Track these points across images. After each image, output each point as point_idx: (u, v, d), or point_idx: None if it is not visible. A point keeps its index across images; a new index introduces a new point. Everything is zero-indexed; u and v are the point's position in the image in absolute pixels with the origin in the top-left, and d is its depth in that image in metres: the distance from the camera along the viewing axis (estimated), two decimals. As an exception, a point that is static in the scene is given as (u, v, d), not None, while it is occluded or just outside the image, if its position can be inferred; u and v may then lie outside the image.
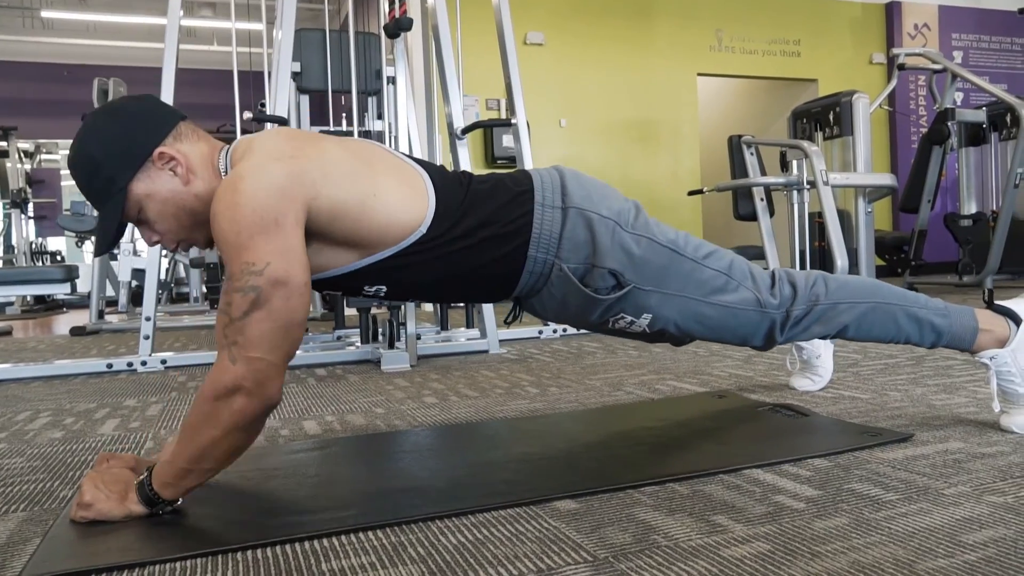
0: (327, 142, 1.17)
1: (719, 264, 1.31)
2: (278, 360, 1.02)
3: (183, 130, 1.16)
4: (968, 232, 5.13)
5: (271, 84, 3.02)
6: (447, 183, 1.23)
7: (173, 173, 1.13)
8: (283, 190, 1.05)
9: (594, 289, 1.24)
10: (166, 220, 1.15)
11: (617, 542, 0.94)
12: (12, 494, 1.29)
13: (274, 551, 0.97)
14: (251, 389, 1.00)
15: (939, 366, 2.15)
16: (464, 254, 1.21)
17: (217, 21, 9.24)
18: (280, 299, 1.02)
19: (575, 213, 1.23)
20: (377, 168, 1.18)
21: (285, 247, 1.03)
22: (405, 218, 1.17)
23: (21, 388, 2.58)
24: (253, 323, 1.01)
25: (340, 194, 1.11)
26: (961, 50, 7.95)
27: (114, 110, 1.14)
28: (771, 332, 1.33)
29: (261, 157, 1.08)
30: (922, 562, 0.84)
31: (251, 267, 1.02)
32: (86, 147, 1.11)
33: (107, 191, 1.11)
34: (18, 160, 7.70)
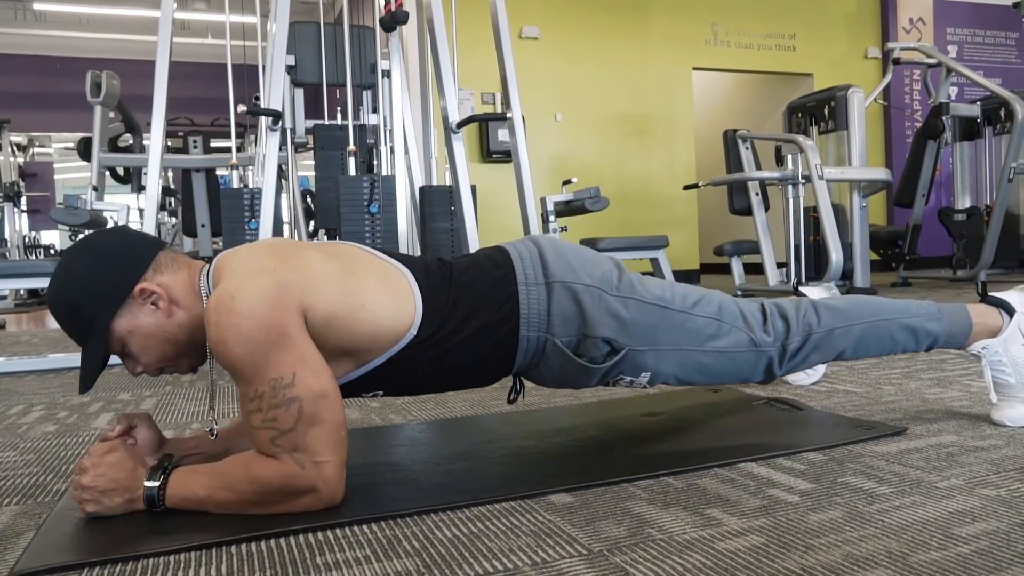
0: (309, 251, 1.15)
1: (708, 310, 1.29)
2: (342, 458, 1.06)
3: (162, 260, 1.14)
4: (962, 226, 5.14)
5: (265, 77, 3.01)
6: (431, 279, 1.21)
7: (155, 307, 1.12)
8: (276, 301, 1.04)
9: (589, 359, 1.24)
10: (150, 353, 1.14)
11: (612, 535, 0.94)
12: (5, 488, 1.28)
13: (268, 544, 0.97)
14: (323, 492, 1.04)
15: (933, 360, 2.16)
16: (457, 348, 1.19)
17: (211, 14, 9.19)
18: (327, 410, 1.04)
19: (560, 287, 1.22)
20: (362, 275, 1.16)
21: (303, 355, 1.04)
22: (395, 323, 1.15)
23: (14, 382, 2.57)
24: (313, 437, 1.03)
25: (329, 305, 1.10)
26: (956, 44, 7.96)
27: (91, 249, 1.12)
28: (769, 368, 1.33)
29: (245, 274, 1.07)
30: (915, 555, 0.85)
31: (280, 382, 1.02)
32: (65, 289, 1.10)
33: (89, 330, 1.10)
34: (11, 154, 7.67)
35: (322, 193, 3.64)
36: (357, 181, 3.01)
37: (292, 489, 1.03)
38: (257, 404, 1.02)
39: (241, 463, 1.06)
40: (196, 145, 5.47)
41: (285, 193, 4.54)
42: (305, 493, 1.04)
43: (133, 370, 1.16)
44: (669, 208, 7.01)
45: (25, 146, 9.07)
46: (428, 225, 3.34)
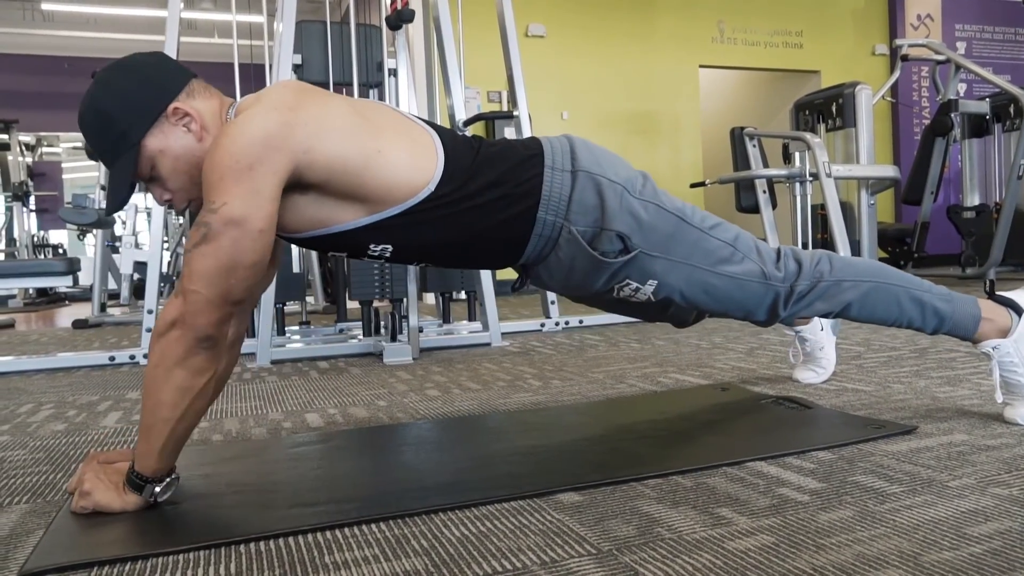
0: (334, 99, 1.17)
1: (725, 235, 1.31)
2: (214, 296, 1.03)
3: (195, 87, 1.16)
4: (971, 224, 5.11)
5: (272, 76, 3.01)
6: (457, 145, 1.23)
7: (187, 129, 1.13)
8: (268, 138, 1.05)
9: (601, 252, 1.24)
10: (179, 177, 1.14)
11: (621, 535, 0.94)
12: (15, 486, 1.29)
13: (277, 543, 0.97)
14: (184, 320, 1.02)
15: (942, 358, 2.15)
16: (473, 214, 1.20)
17: (217, 13, 9.21)
18: (228, 238, 1.02)
19: (584, 177, 1.23)
20: (383, 126, 1.17)
21: (250, 190, 1.03)
22: (413, 176, 1.16)
23: (24, 381, 2.58)
24: (197, 257, 1.02)
25: (338, 149, 1.11)
26: (965, 41, 7.92)
27: (127, 65, 1.13)
28: (775, 305, 1.34)
29: (262, 105, 1.09)
30: (927, 555, 0.84)
31: (211, 205, 1.03)
32: (99, 102, 1.10)
33: (120, 146, 1.10)
34: (19, 153, 7.70)
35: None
36: (364, 180, 3.01)
37: (162, 323, 1.03)
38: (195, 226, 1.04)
39: None
40: (203, 144, 5.47)
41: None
42: (171, 326, 1.02)
43: (160, 197, 1.17)
44: (676, 206, 6.98)
45: (33, 146, 9.10)
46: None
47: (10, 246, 7.92)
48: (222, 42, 9.34)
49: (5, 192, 7.85)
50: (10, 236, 7.93)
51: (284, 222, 1.15)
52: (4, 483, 1.31)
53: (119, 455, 1.19)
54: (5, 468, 1.41)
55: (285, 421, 1.74)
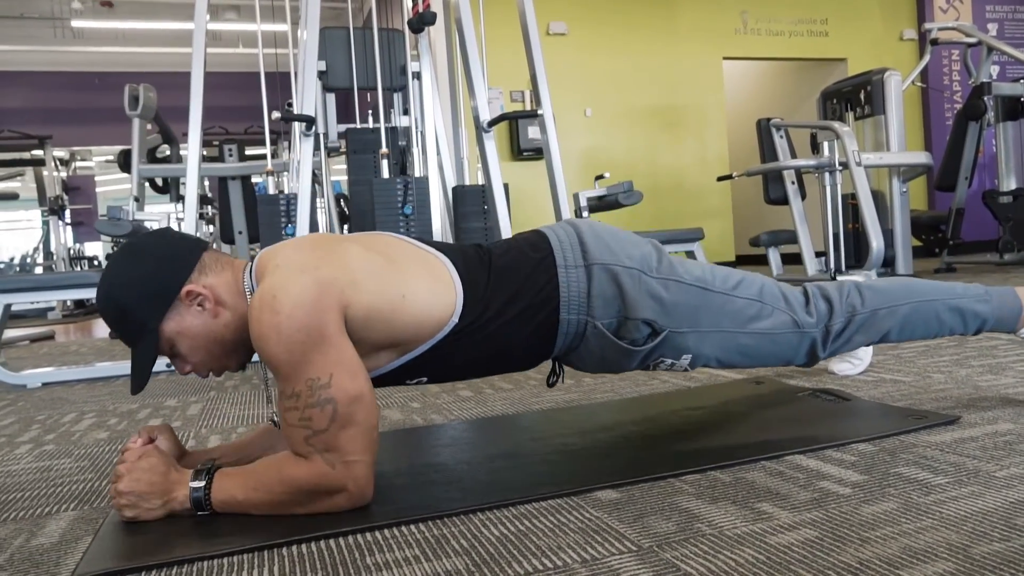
0: (349, 245, 1.17)
1: (750, 292, 1.29)
2: (372, 459, 1.07)
3: (207, 261, 1.16)
4: (1008, 209, 5.00)
5: (297, 83, 3.04)
6: (470, 266, 1.22)
7: (201, 308, 1.13)
8: (317, 301, 1.05)
9: (630, 341, 1.23)
10: (198, 353, 1.15)
11: (661, 531, 0.93)
12: (63, 494, 1.31)
13: (319, 546, 0.98)
14: (353, 492, 1.06)
15: (983, 346, 2.11)
16: (499, 333, 1.20)
17: (242, 24, 9.33)
18: (361, 412, 1.05)
19: (599, 269, 1.22)
20: (402, 265, 1.17)
21: (340, 357, 1.05)
22: (437, 312, 1.16)
23: (65, 390, 2.64)
24: (346, 438, 1.04)
25: (371, 299, 1.11)
26: (996, 22, 7.74)
27: (136, 252, 1.15)
28: (812, 350, 1.32)
29: (287, 272, 1.08)
30: (977, 547, 0.82)
31: (317, 382, 1.03)
32: (113, 294, 1.12)
33: (139, 333, 1.12)
34: (54, 168, 7.87)
35: (356, 196, 3.66)
36: (391, 183, 3.03)
37: (322, 489, 1.05)
38: (294, 403, 1.04)
39: (274, 464, 1.08)
40: (231, 153, 5.55)
41: (319, 197, 4.59)
42: (335, 492, 1.05)
43: (183, 370, 1.18)
44: (703, 200, 6.94)
45: (67, 160, 9.30)
46: (462, 225, 3.35)
47: (48, 259, 8.11)
48: (247, 52, 9.46)
49: (41, 207, 8.03)
50: (47, 249, 8.11)
51: None
52: (52, 491, 1.34)
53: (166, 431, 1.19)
54: (52, 476, 1.45)
55: (321, 424, 1.75)
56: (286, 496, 1.06)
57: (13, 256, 9.46)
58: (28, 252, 8.61)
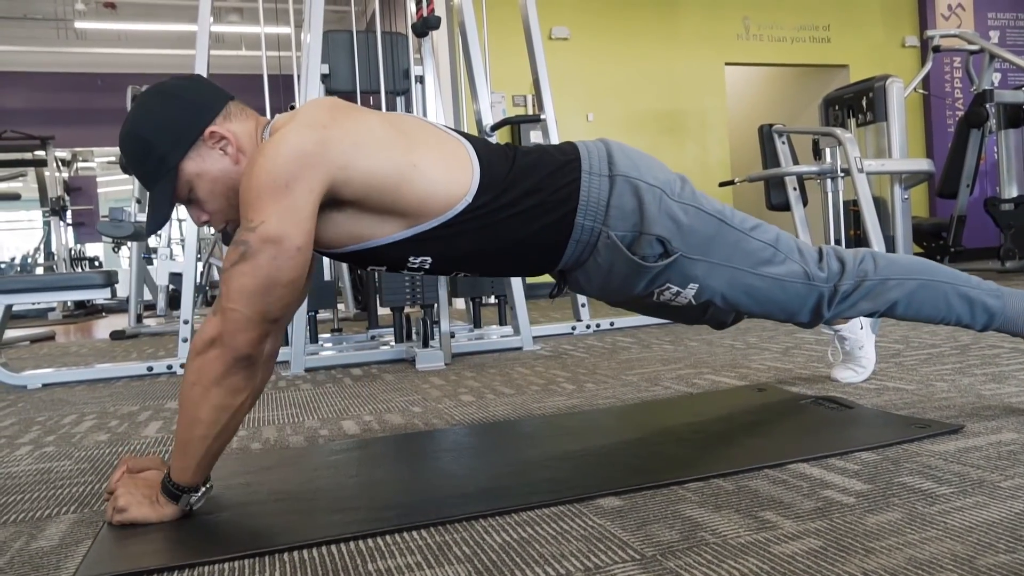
0: (367, 114, 1.17)
1: (766, 236, 1.30)
2: (253, 314, 1.03)
3: (232, 110, 1.17)
4: (1010, 216, 5.00)
5: (300, 87, 3.05)
6: (492, 154, 1.23)
7: (223, 152, 1.14)
8: (305, 156, 1.06)
9: (641, 256, 1.23)
10: (216, 199, 1.16)
11: (664, 539, 0.93)
12: (62, 496, 1.31)
13: (319, 551, 0.97)
14: (223, 339, 1.02)
15: (986, 355, 2.10)
16: (511, 223, 1.20)
17: (246, 26, 9.34)
18: (266, 256, 1.02)
19: (622, 181, 1.23)
20: (417, 140, 1.18)
21: (288, 208, 1.04)
22: (449, 188, 1.16)
23: (66, 392, 2.63)
24: (236, 275, 1.02)
25: (374, 165, 1.11)
26: (998, 30, 7.75)
27: (165, 91, 1.15)
28: (818, 306, 1.32)
29: (296, 124, 1.09)
30: (983, 558, 0.82)
31: (249, 223, 1.04)
32: (138, 128, 1.13)
33: (159, 171, 1.13)
34: (56, 169, 7.87)
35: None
36: (393, 187, 3.02)
37: (199, 341, 1.03)
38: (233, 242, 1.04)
39: None
40: (233, 156, 5.54)
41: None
42: (210, 344, 1.03)
43: (198, 219, 1.18)
44: (704, 205, 6.92)
45: (69, 161, 9.29)
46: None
47: (48, 260, 8.10)
48: (251, 54, 9.47)
49: (43, 207, 8.03)
50: (48, 250, 8.10)
51: (322, 238, 1.16)
52: (52, 493, 1.34)
53: (149, 461, 1.21)
54: (52, 479, 1.44)
55: (322, 428, 1.75)
56: (185, 380, 1.05)
57: (14, 256, 9.45)
58: (29, 253, 8.60)
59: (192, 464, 1.07)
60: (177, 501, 1.09)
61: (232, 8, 9.21)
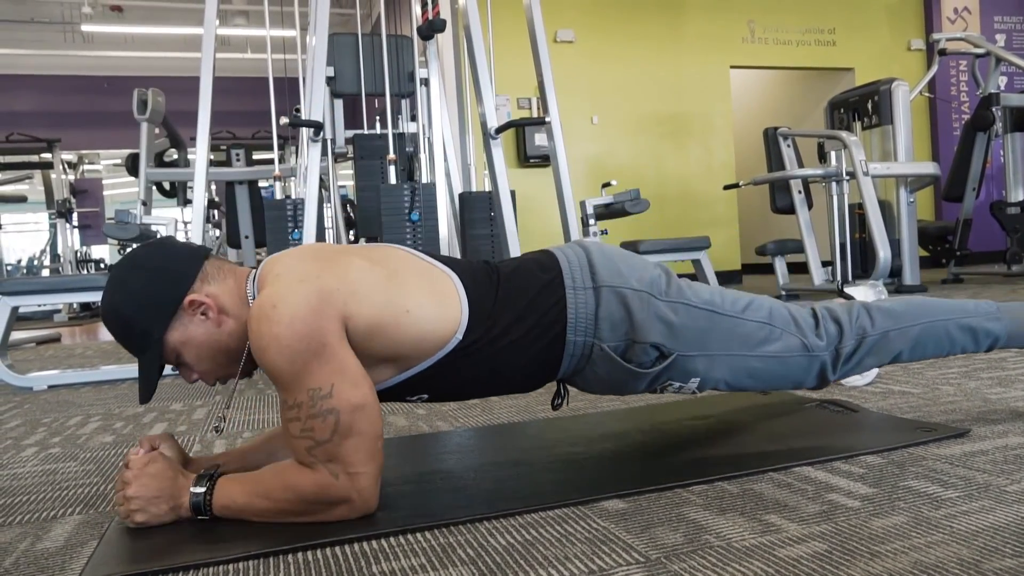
0: (352, 257, 1.16)
1: (759, 315, 1.27)
2: (376, 469, 1.06)
3: (209, 270, 1.15)
4: (1016, 220, 4.98)
5: (305, 89, 3.06)
6: (478, 283, 1.21)
7: (205, 317, 1.13)
8: (317, 311, 1.04)
9: (637, 364, 1.22)
10: (204, 362, 1.15)
11: (668, 542, 0.93)
12: (68, 497, 1.31)
13: (324, 553, 0.97)
14: (357, 503, 1.05)
15: (992, 359, 2.09)
16: (503, 352, 1.19)
17: (251, 29, 9.38)
18: (363, 422, 1.04)
19: (608, 292, 1.21)
20: (406, 279, 1.16)
21: (342, 366, 1.04)
22: (440, 328, 1.15)
23: (71, 393, 2.64)
24: (349, 448, 1.03)
25: (372, 313, 1.10)
26: (1004, 33, 7.74)
27: (138, 264, 1.14)
28: (823, 373, 1.30)
29: (287, 281, 1.07)
30: (989, 562, 0.81)
31: (318, 392, 1.03)
32: (117, 305, 1.12)
33: (144, 343, 1.12)
34: (62, 171, 7.91)
35: (363, 202, 3.67)
36: (398, 189, 3.04)
37: (326, 499, 1.04)
38: (295, 413, 1.03)
39: (278, 471, 1.08)
40: (239, 158, 5.57)
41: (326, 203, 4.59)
42: (339, 503, 1.05)
43: (189, 378, 1.18)
44: (709, 208, 6.93)
45: (75, 163, 9.34)
46: (468, 231, 3.35)
47: (54, 262, 8.13)
48: (256, 57, 9.51)
49: (49, 209, 8.07)
50: (54, 252, 8.14)
51: None
52: (57, 495, 1.34)
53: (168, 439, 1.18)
54: (58, 480, 1.45)
55: (326, 430, 1.75)
56: (288, 504, 1.05)
57: (20, 258, 9.50)
58: (35, 254, 8.65)
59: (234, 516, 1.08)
60: (199, 514, 1.09)
61: (238, 11, 9.25)
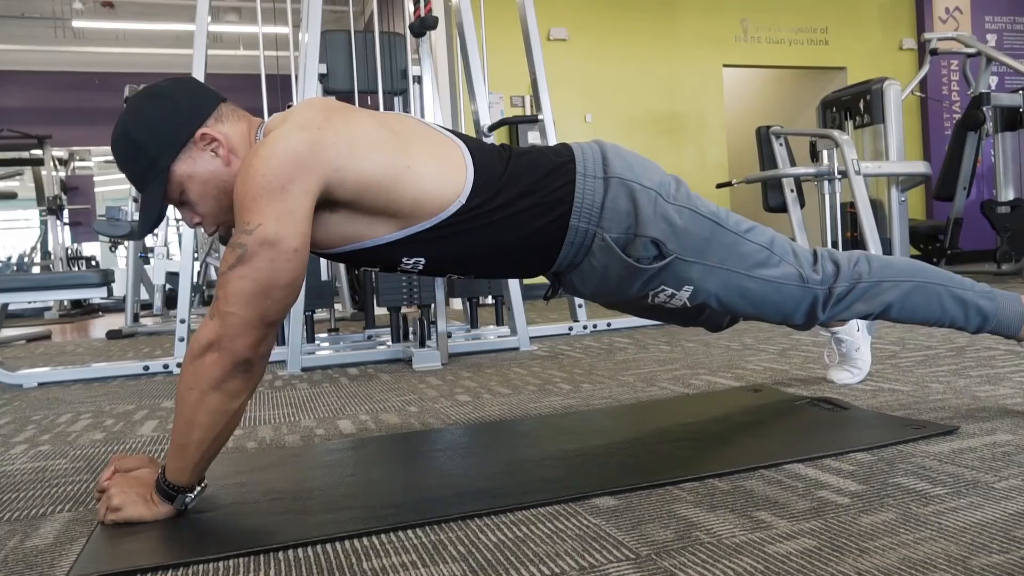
0: (361, 115, 1.17)
1: (761, 238, 1.30)
2: (251, 318, 1.02)
3: (224, 111, 1.17)
4: (1006, 219, 5.01)
5: (298, 86, 3.04)
6: (487, 155, 1.22)
7: (215, 154, 1.14)
8: (299, 158, 1.05)
9: (636, 259, 1.23)
10: (207, 201, 1.15)
11: (659, 539, 0.93)
12: (57, 495, 1.31)
13: (315, 550, 0.97)
14: (221, 344, 1.02)
15: (981, 356, 2.11)
16: (505, 225, 1.20)
17: (243, 26, 9.34)
18: (264, 259, 1.02)
19: (617, 183, 1.23)
20: (411, 140, 1.17)
21: (284, 211, 1.04)
22: (443, 189, 1.16)
23: (62, 391, 2.63)
24: (233, 279, 1.02)
25: (368, 166, 1.11)
26: (995, 33, 7.77)
27: (156, 93, 1.15)
28: (813, 308, 1.32)
29: (289, 126, 1.09)
30: (976, 558, 0.82)
31: (245, 226, 1.03)
32: (129, 129, 1.12)
33: (150, 172, 1.12)
34: (53, 168, 7.86)
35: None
36: (390, 187, 3.03)
37: (197, 345, 1.02)
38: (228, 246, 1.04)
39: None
40: (231, 155, 5.54)
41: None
42: (207, 348, 1.02)
43: (190, 220, 1.18)
44: (702, 207, 6.93)
45: (66, 160, 9.28)
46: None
47: (45, 259, 8.08)
48: (248, 54, 9.46)
49: (40, 206, 8.01)
50: (45, 249, 8.09)
51: (316, 239, 1.16)
52: (47, 492, 1.33)
53: (138, 460, 1.20)
54: (47, 477, 1.44)
55: (318, 428, 1.75)
56: (181, 383, 1.04)
57: (11, 255, 9.44)
58: (26, 252, 8.59)
59: (188, 466, 1.07)
60: (172, 501, 1.09)
61: (230, 8, 9.21)
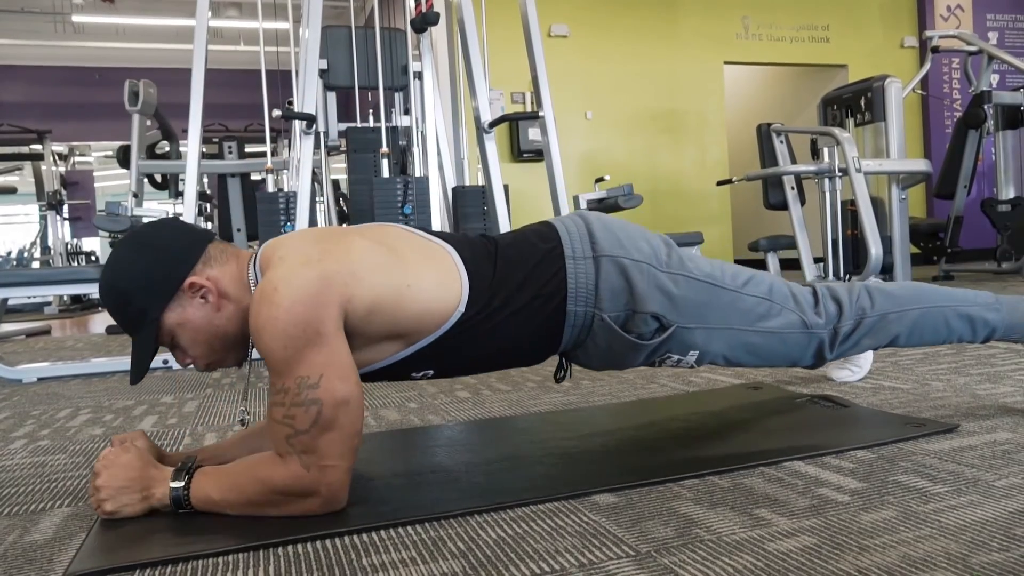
0: (352, 237, 1.16)
1: (759, 290, 1.28)
2: (349, 465, 1.06)
3: (212, 253, 1.15)
4: (1006, 217, 5.01)
5: (299, 82, 3.04)
6: (476, 256, 1.21)
7: (204, 300, 1.12)
8: (317, 297, 1.04)
9: (637, 335, 1.22)
10: (199, 346, 1.15)
11: (659, 536, 0.93)
12: (57, 490, 1.31)
13: (314, 546, 0.97)
14: (325, 496, 1.04)
15: (981, 355, 2.10)
16: (505, 324, 1.19)
17: (244, 21, 9.32)
18: (345, 417, 1.03)
19: (607, 261, 1.21)
20: (406, 255, 1.16)
21: (333, 358, 1.04)
22: (442, 303, 1.15)
23: (61, 386, 2.63)
24: (326, 441, 1.02)
25: (374, 290, 1.10)
26: (996, 31, 7.76)
27: (141, 243, 1.14)
28: (820, 350, 1.31)
29: (290, 264, 1.07)
30: (976, 556, 0.82)
31: (306, 381, 1.02)
32: (116, 281, 1.11)
33: (140, 322, 1.12)
34: (52, 163, 7.85)
35: (356, 195, 3.66)
36: (391, 183, 3.03)
37: (295, 490, 1.04)
38: (281, 398, 1.03)
39: (251, 463, 1.07)
40: (231, 150, 5.55)
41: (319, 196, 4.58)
42: (307, 496, 1.04)
43: (182, 362, 1.18)
44: (702, 204, 6.94)
45: (66, 155, 9.27)
46: (462, 225, 3.35)
47: (45, 254, 8.08)
48: (248, 49, 9.45)
49: (39, 201, 8.01)
50: (44, 244, 8.09)
51: None
52: (46, 487, 1.33)
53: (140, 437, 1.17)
54: (47, 472, 1.44)
55: (318, 424, 1.75)
56: (259, 496, 1.05)
57: (10, 250, 9.44)
58: (25, 246, 8.59)
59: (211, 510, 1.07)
60: (178, 507, 1.08)
61: (230, 3, 9.18)
